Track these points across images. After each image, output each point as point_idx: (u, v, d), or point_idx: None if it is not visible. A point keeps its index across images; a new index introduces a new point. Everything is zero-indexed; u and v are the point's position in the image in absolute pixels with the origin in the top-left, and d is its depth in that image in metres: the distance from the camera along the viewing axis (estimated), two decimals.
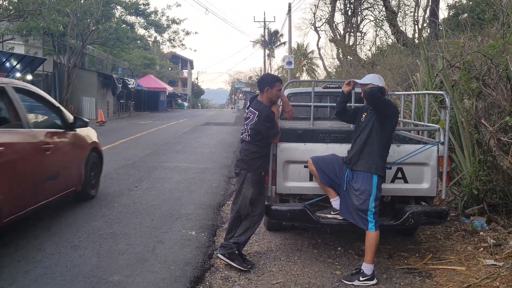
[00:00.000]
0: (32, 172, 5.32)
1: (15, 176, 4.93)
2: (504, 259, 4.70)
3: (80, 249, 4.91)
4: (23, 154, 5.19)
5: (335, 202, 4.57)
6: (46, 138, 5.73)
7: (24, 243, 5.01)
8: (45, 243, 5.05)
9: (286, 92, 7.27)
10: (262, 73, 52.86)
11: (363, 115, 4.49)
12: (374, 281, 4.24)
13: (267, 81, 4.64)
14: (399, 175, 4.71)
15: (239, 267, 4.53)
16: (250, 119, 4.53)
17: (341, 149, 4.68)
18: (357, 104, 6.82)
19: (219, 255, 4.64)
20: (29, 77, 20.47)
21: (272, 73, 53.09)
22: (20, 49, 25.42)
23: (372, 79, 4.39)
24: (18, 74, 19.43)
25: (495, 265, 4.58)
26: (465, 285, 4.21)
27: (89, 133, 7.23)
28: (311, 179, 4.74)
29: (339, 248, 5.25)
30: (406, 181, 4.73)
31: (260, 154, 4.58)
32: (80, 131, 6.74)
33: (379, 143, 4.25)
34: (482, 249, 5.05)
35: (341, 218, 4.55)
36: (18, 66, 19.32)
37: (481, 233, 5.45)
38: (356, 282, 4.22)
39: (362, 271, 4.26)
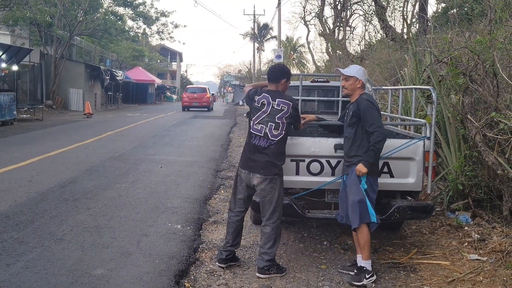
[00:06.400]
0: None
1: None
2: (488, 254, 4.74)
3: (64, 242, 4.85)
4: None
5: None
6: None
7: (6, 236, 4.95)
8: (27, 236, 4.98)
9: None
10: (251, 67, 52.68)
11: (346, 112, 4.48)
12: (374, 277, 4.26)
13: (286, 73, 4.48)
14: (385, 169, 4.70)
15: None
16: (285, 112, 4.26)
17: (328, 143, 4.66)
18: (344, 99, 6.84)
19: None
20: (15, 67, 20.18)
21: (262, 67, 53.12)
22: (6, 39, 25.06)
23: (357, 72, 4.30)
24: (3, 65, 19.12)
25: (479, 259, 4.62)
26: (449, 279, 4.23)
27: None
28: (297, 173, 4.72)
29: (325, 243, 5.25)
30: (392, 176, 4.72)
31: (284, 152, 4.40)
32: None
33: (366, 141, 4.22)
34: (466, 244, 5.09)
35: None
36: (3, 57, 19.00)
37: (466, 228, 5.49)
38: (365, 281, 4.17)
39: (364, 268, 4.20)
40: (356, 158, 4.21)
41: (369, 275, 4.16)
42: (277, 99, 4.32)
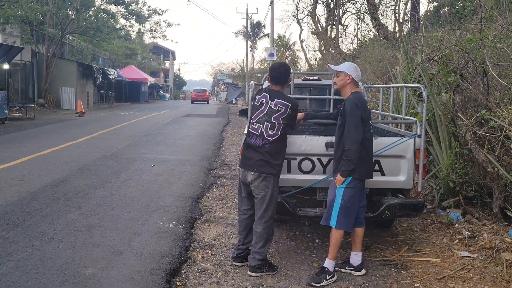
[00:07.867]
0: None
1: None
2: (478, 251, 4.77)
3: (55, 242, 4.83)
4: None
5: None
6: None
7: None
8: (18, 235, 4.96)
9: (265, 84, 7.23)
10: (244, 65, 52.69)
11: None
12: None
13: (289, 73, 4.49)
14: (376, 167, 4.72)
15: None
16: (282, 113, 4.25)
17: (319, 142, 4.67)
18: (336, 97, 6.85)
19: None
20: (6, 66, 20.04)
21: (255, 65, 53.05)
22: None
23: (347, 67, 4.23)
24: None
25: (469, 257, 4.65)
26: (439, 276, 4.26)
27: None
28: (289, 171, 4.72)
29: (317, 241, 5.26)
30: (383, 174, 4.74)
31: (284, 151, 4.39)
32: None
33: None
34: (457, 241, 5.12)
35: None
36: None
37: (457, 225, 5.52)
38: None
39: (326, 269, 4.22)
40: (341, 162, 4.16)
41: (330, 276, 4.15)
42: (275, 100, 4.30)
